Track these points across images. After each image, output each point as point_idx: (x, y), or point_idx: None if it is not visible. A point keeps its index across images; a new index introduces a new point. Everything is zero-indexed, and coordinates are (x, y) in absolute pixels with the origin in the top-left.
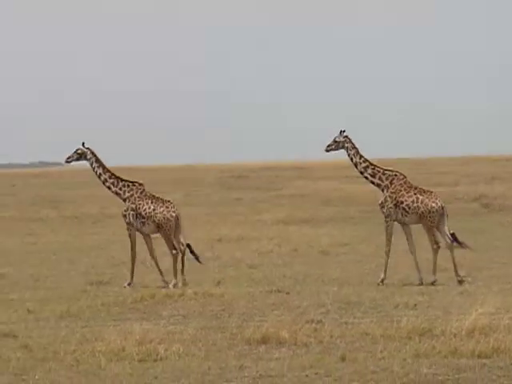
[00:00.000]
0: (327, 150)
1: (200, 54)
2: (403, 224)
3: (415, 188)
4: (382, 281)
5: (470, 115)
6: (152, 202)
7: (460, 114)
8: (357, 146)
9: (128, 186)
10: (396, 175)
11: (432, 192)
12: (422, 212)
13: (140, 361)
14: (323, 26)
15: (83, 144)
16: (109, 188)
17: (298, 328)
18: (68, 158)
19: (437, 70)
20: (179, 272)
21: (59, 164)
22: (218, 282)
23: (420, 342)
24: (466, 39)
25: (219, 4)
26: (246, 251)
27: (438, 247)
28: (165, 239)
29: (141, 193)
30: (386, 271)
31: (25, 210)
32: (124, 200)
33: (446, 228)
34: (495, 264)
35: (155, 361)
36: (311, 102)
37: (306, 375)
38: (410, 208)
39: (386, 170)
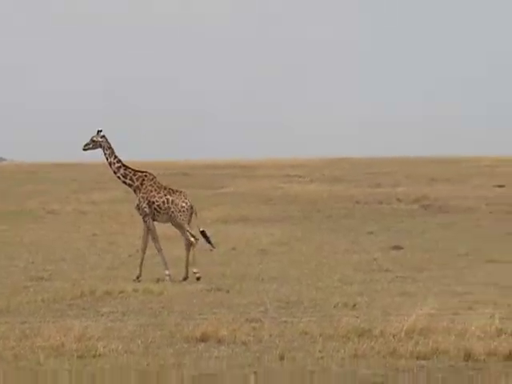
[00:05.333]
0: (85, 149)
1: None
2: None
3: (165, 188)
4: (138, 277)
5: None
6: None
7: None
8: (112, 146)
9: None
10: (146, 176)
11: (181, 192)
12: (173, 211)
13: (79, 357)
14: None
15: None
16: None
17: (237, 327)
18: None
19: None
20: None
21: (3, 159)
22: (158, 280)
23: (359, 342)
24: None
25: None
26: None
27: (192, 243)
28: None
29: None
30: (141, 267)
31: None
32: None
33: (190, 227)
34: (435, 265)
35: (94, 357)
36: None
37: (245, 374)
38: (161, 208)
39: (137, 171)
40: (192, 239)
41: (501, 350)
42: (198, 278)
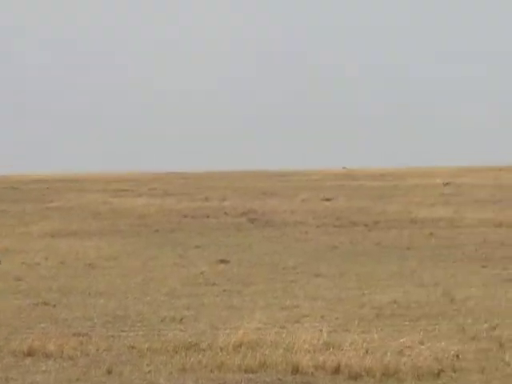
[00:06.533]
0: None
1: None
2: None
3: None
4: None
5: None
6: None
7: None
8: None
9: None
10: None
11: None
12: None
13: None
14: None
15: None
16: None
17: (64, 341)
18: None
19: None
20: None
21: None
22: None
23: (186, 356)
24: None
25: None
26: (13, 263)
27: None
28: None
29: None
30: None
31: None
32: None
33: None
34: (262, 279)
35: None
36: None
37: None
38: None
39: None
40: None
41: (329, 363)
42: None
